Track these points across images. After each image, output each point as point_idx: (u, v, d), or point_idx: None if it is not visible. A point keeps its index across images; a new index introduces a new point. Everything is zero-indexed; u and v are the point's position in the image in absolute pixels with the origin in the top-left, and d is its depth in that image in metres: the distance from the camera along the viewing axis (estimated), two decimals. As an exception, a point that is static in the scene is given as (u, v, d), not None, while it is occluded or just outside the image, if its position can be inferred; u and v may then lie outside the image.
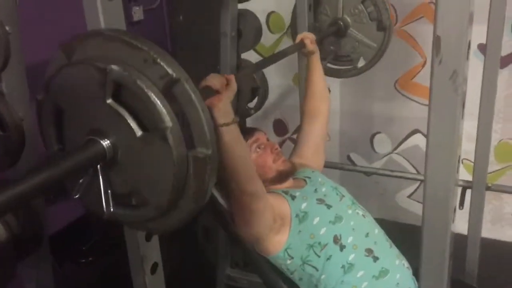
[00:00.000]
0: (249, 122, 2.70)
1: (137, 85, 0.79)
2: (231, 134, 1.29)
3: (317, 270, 1.50)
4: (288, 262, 1.52)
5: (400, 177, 2.44)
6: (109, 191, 0.87)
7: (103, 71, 0.80)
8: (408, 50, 2.65)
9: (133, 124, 0.81)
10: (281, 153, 1.70)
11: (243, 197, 1.38)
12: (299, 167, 1.80)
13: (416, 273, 1.45)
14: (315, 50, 1.87)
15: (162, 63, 0.79)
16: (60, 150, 0.93)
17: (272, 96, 2.57)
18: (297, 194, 1.59)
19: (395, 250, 1.59)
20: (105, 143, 0.84)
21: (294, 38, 2.18)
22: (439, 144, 0.79)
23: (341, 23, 2.12)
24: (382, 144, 2.93)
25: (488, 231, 2.69)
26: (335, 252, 1.49)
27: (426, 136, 0.82)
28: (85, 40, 0.87)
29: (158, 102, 0.79)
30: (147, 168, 0.84)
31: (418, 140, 2.80)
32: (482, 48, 2.07)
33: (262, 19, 2.79)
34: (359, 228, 1.56)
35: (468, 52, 0.74)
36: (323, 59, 2.01)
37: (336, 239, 1.50)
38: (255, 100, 2.30)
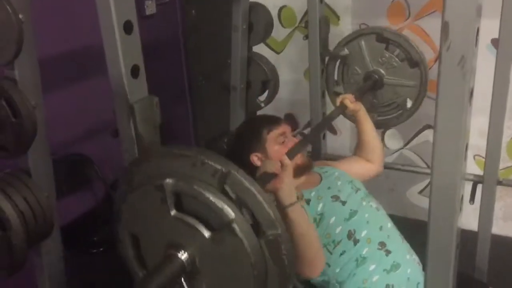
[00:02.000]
0: (260, 116, 2.70)
1: (194, 190, 0.83)
2: (297, 213, 1.30)
3: (329, 266, 1.50)
4: None
5: (411, 171, 2.43)
6: None
7: (160, 187, 0.84)
8: (420, 45, 2.62)
9: (200, 228, 0.84)
10: None
11: (310, 268, 1.40)
12: (322, 165, 1.81)
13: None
14: (359, 107, 1.88)
15: (209, 162, 0.82)
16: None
17: (283, 90, 2.56)
18: (312, 194, 1.60)
19: (406, 245, 1.59)
20: (182, 256, 0.86)
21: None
22: (446, 133, 0.79)
23: (375, 76, 2.11)
24: (393, 139, 2.91)
25: (500, 228, 2.67)
26: (348, 247, 1.50)
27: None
28: (139, 163, 0.92)
29: (217, 198, 0.81)
30: (225, 266, 0.85)
31: (430, 136, 2.78)
32: (495, 43, 2.05)
33: (274, 13, 2.79)
34: (373, 221, 1.56)
35: (476, 39, 0.74)
36: (372, 113, 2.04)
37: (350, 234, 1.50)
38: (266, 94, 2.31)
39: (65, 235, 1.77)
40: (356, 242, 1.50)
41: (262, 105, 2.30)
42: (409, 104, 2.13)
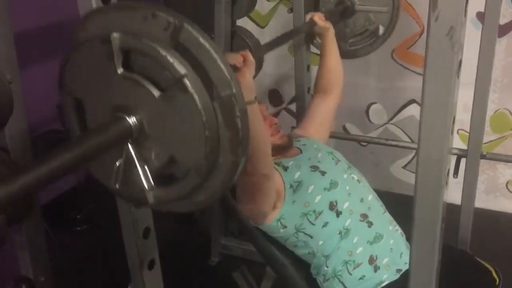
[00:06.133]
0: (244, 91, 2.67)
1: (143, 44, 0.75)
2: (253, 114, 1.24)
3: (311, 237, 1.50)
4: (281, 231, 1.52)
5: (395, 145, 2.44)
6: (146, 167, 0.82)
7: (107, 41, 0.76)
8: (405, 19, 2.61)
9: (149, 86, 0.76)
10: (279, 128, 1.69)
11: (257, 178, 1.35)
12: (297, 137, 1.79)
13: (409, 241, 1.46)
14: (328, 26, 1.83)
15: (161, 14, 0.74)
16: None
17: (267, 65, 2.54)
18: (290, 163, 1.59)
19: (388, 216, 1.60)
20: (130, 119, 0.79)
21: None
22: (434, 106, 0.78)
23: (348, 2, 2.07)
24: (378, 114, 2.91)
25: (482, 202, 2.70)
26: (331, 219, 1.50)
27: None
28: (85, 22, 0.83)
29: (168, 53, 0.74)
30: (176, 128, 0.78)
31: (414, 110, 2.78)
32: (480, 16, 2.04)
33: (258, -14, 2.73)
34: (354, 193, 1.56)
35: (465, 9, 0.72)
36: (343, 42, 2.02)
37: (332, 206, 1.50)
38: (250, 69, 2.27)
39: (48, 213, 1.75)
40: (338, 214, 1.50)
41: (246, 80, 2.27)
42: (381, 31, 2.10)
